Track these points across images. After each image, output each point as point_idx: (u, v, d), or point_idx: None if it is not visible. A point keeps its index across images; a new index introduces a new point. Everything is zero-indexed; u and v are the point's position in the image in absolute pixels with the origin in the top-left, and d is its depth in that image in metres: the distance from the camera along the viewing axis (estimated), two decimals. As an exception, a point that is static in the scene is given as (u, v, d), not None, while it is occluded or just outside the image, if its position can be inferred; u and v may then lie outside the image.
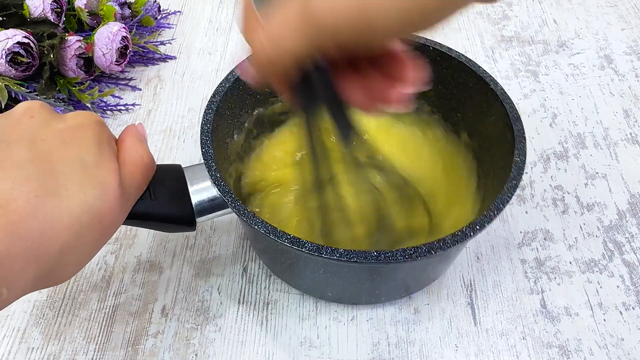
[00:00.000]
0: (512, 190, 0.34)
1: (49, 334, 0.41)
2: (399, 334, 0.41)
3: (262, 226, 0.33)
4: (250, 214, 0.34)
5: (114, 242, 0.47)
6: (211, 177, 0.36)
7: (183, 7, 0.71)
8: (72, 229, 0.27)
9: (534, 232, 0.47)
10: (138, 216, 0.34)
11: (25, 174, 0.26)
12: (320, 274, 0.39)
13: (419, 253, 0.31)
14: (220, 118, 0.40)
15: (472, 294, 0.44)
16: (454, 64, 0.42)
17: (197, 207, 0.36)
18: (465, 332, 0.41)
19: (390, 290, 0.41)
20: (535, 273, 0.45)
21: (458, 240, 0.32)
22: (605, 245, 0.47)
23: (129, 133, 0.34)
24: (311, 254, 0.32)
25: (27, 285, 0.26)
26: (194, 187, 0.36)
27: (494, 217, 0.33)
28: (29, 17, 0.56)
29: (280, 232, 0.33)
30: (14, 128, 0.29)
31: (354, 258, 0.31)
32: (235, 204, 0.34)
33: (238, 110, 0.43)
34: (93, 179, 0.29)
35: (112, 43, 0.56)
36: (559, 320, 0.42)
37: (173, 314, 0.42)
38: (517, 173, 0.35)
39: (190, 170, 0.37)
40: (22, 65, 0.53)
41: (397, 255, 0.31)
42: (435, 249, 0.32)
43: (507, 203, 0.34)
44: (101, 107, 0.57)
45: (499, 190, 0.35)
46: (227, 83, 0.41)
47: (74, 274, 0.30)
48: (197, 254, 0.46)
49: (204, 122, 0.38)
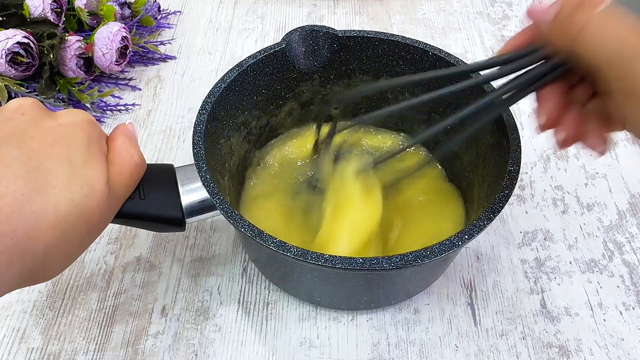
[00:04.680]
0: (505, 200, 0.34)
1: (49, 334, 0.41)
2: (399, 334, 0.41)
3: (249, 229, 0.33)
4: (237, 216, 0.33)
5: (113, 242, 0.47)
6: (201, 178, 0.35)
7: (183, 7, 0.71)
8: (58, 228, 0.27)
9: (534, 232, 0.47)
10: (127, 215, 0.34)
11: (13, 171, 0.27)
12: (308, 278, 0.39)
13: (405, 261, 0.31)
14: (214, 119, 0.40)
15: (472, 294, 0.43)
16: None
17: (186, 208, 0.36)
18: (465, 332, 0.41)
19: (380, 298, 0.41)
20: (535, 273, 0.45)
21: (445, 250, 0.31)
22: (605, 245, 0.47)
23: (119, 132, 0.34)
24: (296, 259, 0.31)
25: (11, 283, 0.27)
26: (184, 187, 0.36)
27: (483, 228, 0.33)
28: (29, 17, 0.56)
29: (267, 236, 0.32)
30: (5, 125, 0.29)
31: (339, 264, 0.31)
32: (223, 206, 0.34)
33: (234, 111, 0.43)
34: (81, 178, 0.29)
35: (112, 43, 0.56)
36: (559, 320, 0.42)
37: (173, 314, 0.42)
38: (510, 183, 0.35)
39: (182, 171, 0.37)
40: (22, 65, 0.53)
41: (382, 263, 0.31)
42: (422, 257, 0.31)
43: (497, 213, 0.33)
44: (101, 107, 0.57)
45: (491, 199, 0.35)
46: (223, 84, 0.41)
47: (60, 272, 0.30)
48: (197, 254, 0.46)
49: (196, 123, 0.38)
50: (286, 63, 0.44)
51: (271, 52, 0.43)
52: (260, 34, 0.68)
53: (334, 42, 0.45)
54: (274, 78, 0.45)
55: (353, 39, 0.44)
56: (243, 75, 0.42)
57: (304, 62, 0.45)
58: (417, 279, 0.40)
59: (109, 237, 0.47)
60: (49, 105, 0.53)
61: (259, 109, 0.46)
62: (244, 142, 0.46)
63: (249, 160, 0.47)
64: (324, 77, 0.47)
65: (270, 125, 0.48)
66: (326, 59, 0.45)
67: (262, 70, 0.43)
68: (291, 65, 0.45)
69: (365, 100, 0.49)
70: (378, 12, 0.70)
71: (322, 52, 0.45)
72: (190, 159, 0.36)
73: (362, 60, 0.46)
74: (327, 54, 0.45)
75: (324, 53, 0.45)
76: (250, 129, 0.46)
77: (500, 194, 0.34)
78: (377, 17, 0.70)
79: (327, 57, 0.45)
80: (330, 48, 0.45)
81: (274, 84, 0.45)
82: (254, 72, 0.43)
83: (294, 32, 0.44)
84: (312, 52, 0.45)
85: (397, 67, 0.45)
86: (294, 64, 0.45)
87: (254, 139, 0.47)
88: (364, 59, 0.46)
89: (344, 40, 0.44)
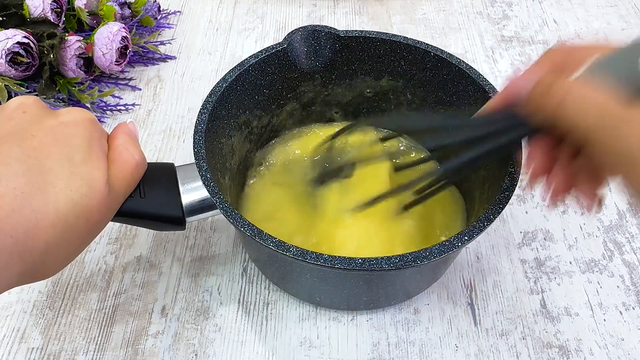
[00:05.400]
0: (505, 201, 0.34)
1: (49, 334, 0.41)
2: (399, 334, 0.41)
3: (249, 229, 0.32)
4: (237, 215, 0.33)
5: (114, 242, 0.47)
6: (202, 177, 0.35)
7: (183, 7, 0.71)
8: (58, 226, 0.27)
9: (534, 232, 0.47)
10: (128, 214, 0.34)
11: (13, 170, 0.27)
12: (307, 278, 0.39)
13: (405, 262, 0.31)
14: (215, 118, 0.40)
15: (472, 294, 0.43)
16: (453, 70, 0.42)
17: (187, 207, 0.36)
18: (465, 332, 0.41)
19: (380, 298, 0.41)
20: (535, 273, 0.45)
21: (445, 251, 0.31)
22: (605, 245, 0.47)
23: (120, 131, 0.34)
24: (295, 259, 0.31)
25: (11, 280, 0.27)
26: (185, 186, 0.36)
27: (483, 229, 0.33)
28: (29, 17, 0.56)
29: (266, 236, 0.32)
30: (6, 123, 0.29)
31: (338, 264, 0.31)
32: (223, 205, 0.34)
33: (235, 111, 0.43)
34: (81, 177, 0.29)
35: (112, 43, 0.56)
36: (559, 320, 0.42)
37: (173, 314, 0.42)
38: (511, 184, 0.35)
39: (182, 170, 0.37)
40: (22, 65, 0.53)
41: (381, 263, 0.31)
42: (422, 258, 0.31)
43: (498, 214, 0.33)
44: (101, 107, 0.57)
45: (491, 200, 0.35)
46: (224, 83, 0.41)
47: (59, 270, 0.30)
48: (197, 254, 0.46)
49: (197, 122, 0.38)
50: (288, 63, 0.44)
51: (273, 51, 0.43)
52: (260, 34, 0.68)
53: (336, 42, 0.45)
54: (276, 78, 0.45)
55: (355, 39, 0.44)
56: (244, 75, 0.42)
57: (305, 62, 0.45)
58: (417, 280, 0.40)
59: (109, 237, 0.47)
60: (49, 105, 0.53)
61: (261, 109, 0.46)
62: (245, 141, 0.46)
63: (250, 160, 0.47)
64: (325, 77, 0.47)
65: (271, 125, 0.48)
66: (328, 59, 0.45)
67: (264, 69, 0.43)
68: (293, 65, 0.45)
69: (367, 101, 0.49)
70: (378, 12, 0.70)
71: (323, 52, 0.45)
72: (191, 159, 0.36)
73: (364, 60, 0.46)
74: (328, 54, 0.45)
75: (326, 53, 0.45)
76: (251, 128, 0.46)
77: (501, 195, 0.34)
78: (377, 17, 0.70)
79: (328, 57, 0.45)
80: (332, 48, 0.45)
81: (275, 84, 0.45)
82: (255, 71, 0.43)
83: (295, 32, 0.44)
84: (314, 52, 0.45)
85: (398, 68, 0.45)
86: (296, 63, 0.45)
87: (255, 138, 0.47)
88: (366, 59, 0.46)
89: (346, 40, 0.44)
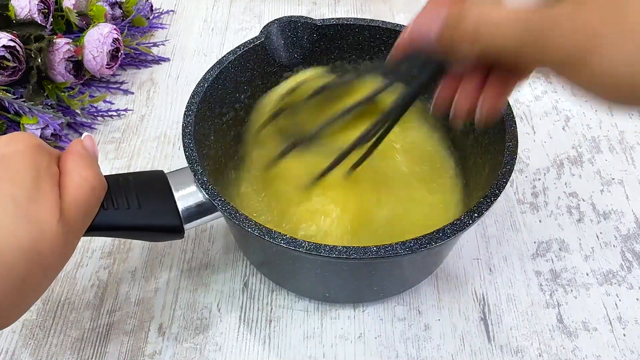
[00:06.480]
0: (507, 175, 0.34)
1: (40, 355, 0.40)
2: (409, 352, 0.40)
3: (256, 228, 0.32)
4: (242, 216, 0.33)
5: (107, 257, 0.45)
6: (197, 181, 0.35)
7: (176, 6, 0.69)
8: (8, 277, 0.25)
9: (548, 242, 0.46)
10: (124, 228, 0.33)
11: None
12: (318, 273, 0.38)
13: (420, 244, 0.31)
14: (202, 120, 0.40)
15: (485, 308, 0.42)
16: None
17: (184, 213, 0.35)
18: (478, 349, 0.40)
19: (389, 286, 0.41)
20: (550, 285, 0.43)
21: (457, 230, 0.32)
22: (623, 255, 0.45)
23: (72, 152, 0.31)
24: (309, 254, 0.31)
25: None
26: (179, 192, 0.35)
27: (491, 204, 0.33)
28: (15, 18, 0.55)
29: (275, 233, 0.32)
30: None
31: (354, 255, 0.31)
32: (226, 207, 0.33)
33: (219, 110, 0.43)
34: (27, 218, 0.26)
35: (103, 45, 0.55)
36: (577, 335, 0.41)
37: (170, 333, 0.41)
38: (511, 158, 0.35)
39: (173, 176, 0.36)
40: (8, 70, 0.52)
41: (396, 248, 0.31)
42: (436, 239, 0.31)
43: (503, 188, 0.34)
44: (92, 113, 0.55)
45: (493, 177, 0.35)
46: (205, 83, 0.40)
47: (19, 317, 0.28)
48: (195, 268, 0.45)
49: (184, 125, 0.38)
50: (266, 57, 0.44)
51: (251, 46, 0.43)
52: (258, 34, 0.66)
53: (314, 31, 0.45)
54: (255, 74, 0.45)
55: (333, 27, 0.45)
56: (225, 73, 0.42)
57: (284, 55, 0.45)
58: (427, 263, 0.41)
59: (102, 251, 0.45)
60: (37, 112, 0.51)
61: (244, 106, 0.45)
62: (234, 140, 0.45)
63: (240, 158, 0.46)
64: (305, 69, 0.46)
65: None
66: (307, 50, 0.45)
67: (243, 65, 0.43)
68: (272, 58, 0.45)
69: None
70: (381, 10, 0.69)
71: (301, 42, 0.45)
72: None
73: (343, 48, 0.46)
74: (307, 45, 0.45)
75: (304, 44, 0.45)
76: (237, 126, 0.45)
77: (503, 169, 0.35)
78: (379, 15, 0.68)
79: (307, 48, 0.45)
80: (309, 38, 0.45)
81: (255, 80, 0.45)
82: (234, 68, 0.43)
83: (272, 24, 0.44)
84: (292, 43, 0.45)
85: (379, 53, 0.46)
86: (274, 57, 0.45)
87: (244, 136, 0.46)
88: (345, 47, 0.46)
89: (324, 29, 0.45)
